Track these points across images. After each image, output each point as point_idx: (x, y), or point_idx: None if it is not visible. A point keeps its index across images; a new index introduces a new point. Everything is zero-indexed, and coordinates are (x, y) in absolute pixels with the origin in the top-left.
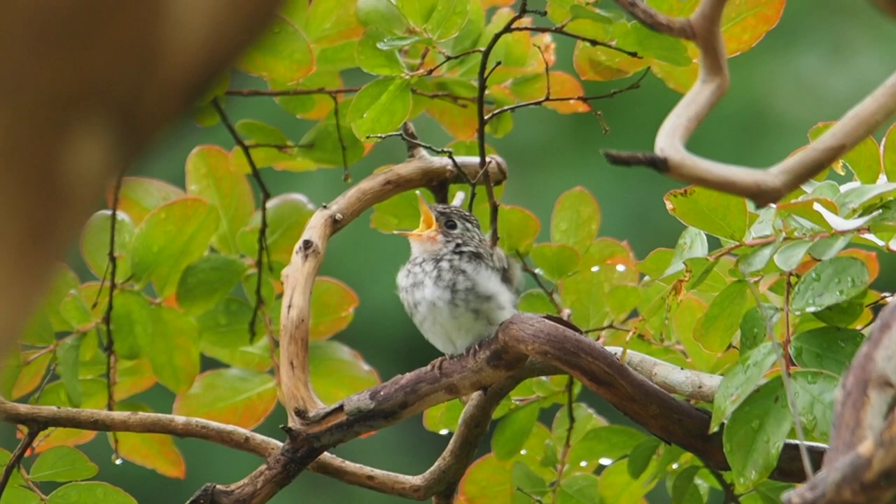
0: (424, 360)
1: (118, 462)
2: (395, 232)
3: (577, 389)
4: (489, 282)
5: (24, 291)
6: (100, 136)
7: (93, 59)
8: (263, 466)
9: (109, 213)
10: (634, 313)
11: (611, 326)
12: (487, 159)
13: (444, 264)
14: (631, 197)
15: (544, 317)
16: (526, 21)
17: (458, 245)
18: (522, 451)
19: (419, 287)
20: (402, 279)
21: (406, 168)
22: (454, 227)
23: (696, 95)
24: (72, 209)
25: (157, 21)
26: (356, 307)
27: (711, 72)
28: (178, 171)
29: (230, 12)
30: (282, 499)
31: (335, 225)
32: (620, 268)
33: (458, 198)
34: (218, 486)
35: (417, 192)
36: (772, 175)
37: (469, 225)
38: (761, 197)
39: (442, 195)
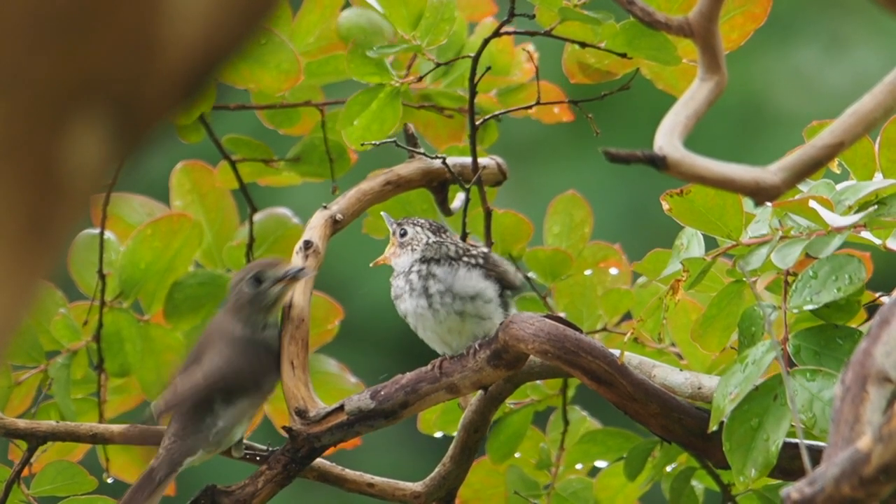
0: (424, 356)
1: (110, 481)
2: (371, 265)
3: (571, 392)
4: (469, 280)
5: (23, 283)
6: (98, 129)
7: (91, 52)
8: (264, 466)
9: (96, 231)
10: (628, 316)
11: (605, 329)
12: (488, 160)
13: (413, 276)
14: (629, 192)
15: (544, 316)
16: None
17: (412, 250)
18: (517, 455)
19: (401, 300)
20: (391, 292)
21: (406, 168)
22: (405, 234)
23: (695, 93)
24: (70, 201)
25: (156, 14)
26: (353, 303)
27: (710, 69)
28: (163, 187)
29: (227, 5)
30: (281, 498)
31: (335, 225)
32: (613, 271)
33: (459, 199)
34: (218, 486)
35: (382, 213)
36: (770, 172)
37: (418, 227)
38: (760, 194)
39: (442, 196)
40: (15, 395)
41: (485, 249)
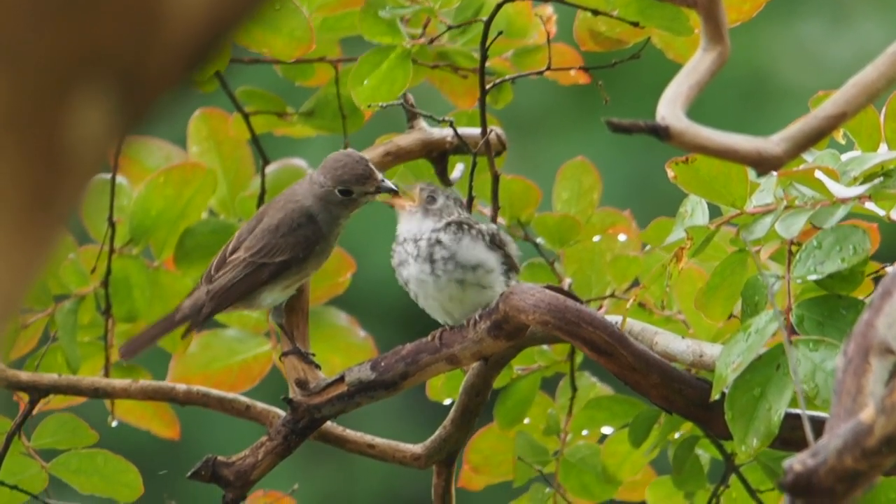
0: (425, 328)
1: (114, 424)
2: (381, 201)
3: (579, 358)
4: (472, 250)
5: (27, 256)
6: (102, 102)
7: (95, 25)
8: (264, 438)
9: (109, 176)
10: (636, 283)
11: (612, 296)
12: (487, 130)
13: (423, 242)
14: (633, 164)
15: (545, 287)
16: None
17: (438, 219)
18: (525, 421)
19: (405, 265)
20: (392, 259)
21: (406, 139)
22: (434, 201)
23: (698, 63)
24: (74, 174)
25: None
26: (356, 274)
27: (712, 40)
28: (181, 132)
29: None
30: (282, 469)
31: None
32: (622, 237)
33: (458, 169)
34: (219, 458)
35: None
36: (773, 143)
37: (450, 202)
38: (762, 164)
39: (441, 166)
40: (21, 337)
41: (494, 227)
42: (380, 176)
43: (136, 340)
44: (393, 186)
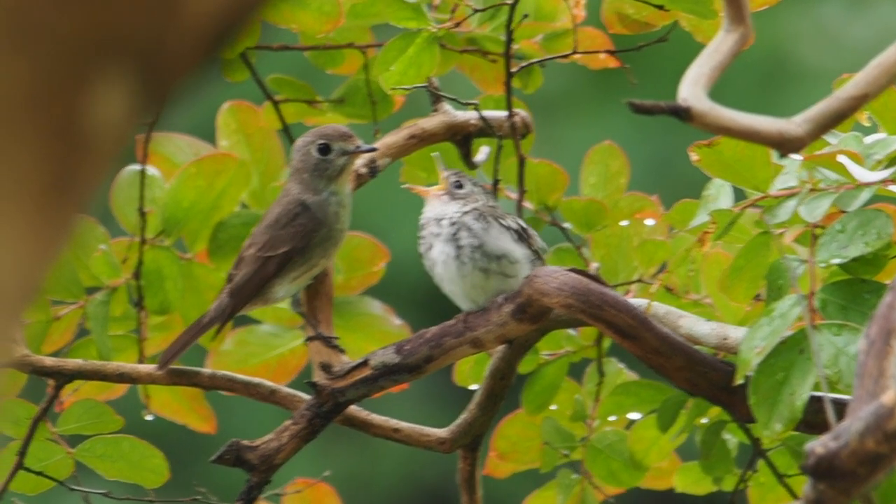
0: (448, 312)
1: (149, 418)
2: (406, 187)
3: (606, 344)
4: (499, 241)
5: (47, 240)
6: (122, 85)
7: (115, 8)
8: (289, 421)
9: (139, 168)
10: (663, 267)
11: (640, 280)
12: (513, 113)
13: (445, 222)
14: (653, 147)
15: (569, 270)
16: None
17: (464, 204)
18: (552, 407)
19: (429, 247)
20: (419, 246)
21: (430, 122)
22: (461, 187)
23: (719, 45)
24: (94, 158)
25: None
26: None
27: (734, 21)
28: (209, 126)
29: None
30: (303, 452)
31: (359, 179)
32: (649, 222)
33: (482, 152)
34: (243, 442)
35: (435, 154)
36: (795, 124)
37: (477, 188)
38: (784, 146)
39: (465, 149)
40: (54, 329)
41: (521, 220)
42: (360, 141)
43: (170, 350)
44: (375, 147)
